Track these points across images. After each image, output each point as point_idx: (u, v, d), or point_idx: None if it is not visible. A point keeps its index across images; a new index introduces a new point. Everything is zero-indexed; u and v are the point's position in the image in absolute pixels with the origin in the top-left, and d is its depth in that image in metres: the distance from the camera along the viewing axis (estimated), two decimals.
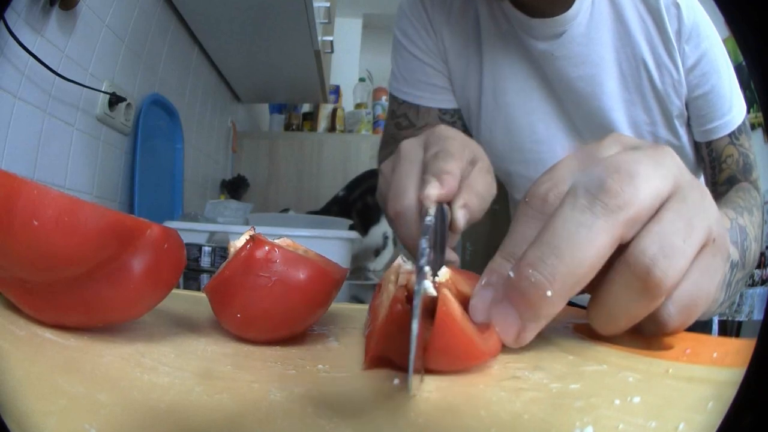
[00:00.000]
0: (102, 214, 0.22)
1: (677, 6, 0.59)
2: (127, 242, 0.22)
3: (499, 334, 0.24)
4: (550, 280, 0.22)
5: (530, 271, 0.22)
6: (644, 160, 0.24)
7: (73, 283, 0.22)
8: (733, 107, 0.62)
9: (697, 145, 0.66)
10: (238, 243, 0.28)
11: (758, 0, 0.16)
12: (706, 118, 0.63)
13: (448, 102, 0.71)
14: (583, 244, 0.22)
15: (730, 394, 0.15)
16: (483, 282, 0.26)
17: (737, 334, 1.77)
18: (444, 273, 0.25)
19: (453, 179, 0.37)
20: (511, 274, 0.23)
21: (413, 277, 0.24)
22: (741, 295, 1.76)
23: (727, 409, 0.15)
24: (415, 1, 0.71)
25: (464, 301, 0.25)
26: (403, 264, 0.26)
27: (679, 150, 0.64)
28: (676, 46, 0.60)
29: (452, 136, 0.43)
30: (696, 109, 0.63)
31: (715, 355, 0.27)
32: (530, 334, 0.24)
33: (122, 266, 0.23)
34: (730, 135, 0.63)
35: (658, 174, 0.24)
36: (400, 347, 0.20)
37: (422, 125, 0.70)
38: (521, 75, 0.66)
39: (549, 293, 0.22)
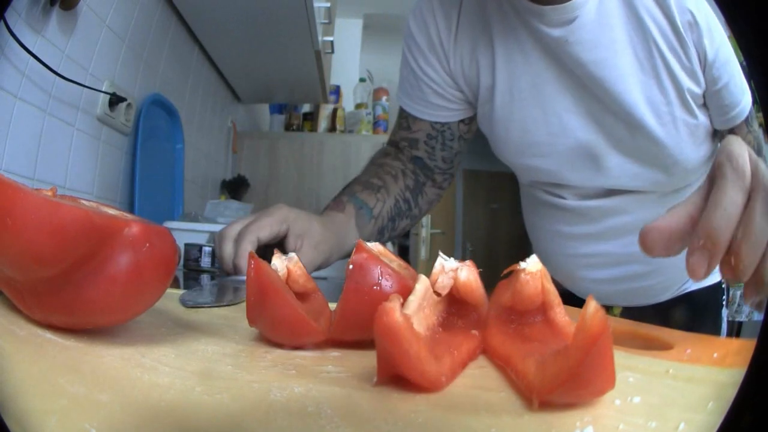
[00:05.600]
0: (68, 212, 0.21)
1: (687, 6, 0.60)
2: (100, 242, 0.21)
3: (693, 273, 0.30)
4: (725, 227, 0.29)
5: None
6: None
7: (53, 284, 0.22)
8: (745, 92, 0.64)
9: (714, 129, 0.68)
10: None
11: (758, 0, 0.16)
12: (729, 107, 0.65)
13: (439, 117, 0.78)
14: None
15: (730, 394, 0.16)
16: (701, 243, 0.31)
17: (737, 335, 1.77)
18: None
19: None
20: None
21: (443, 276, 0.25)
22: (741, 296, 1.76)
23: (727, 409, 0.15)
24: (420, 19, 0.74)
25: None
26: (445, 262, 0.26)
27: (696, 128, 0.66)
28: (688, 39, 0.61)
29: (271, 212, 0.61)
30: (719, 100, 0.64)
31: (715, 355, 0.27)
32: (713, 266, 0.30)
33: (98, 267, 0.21)
34: (746, 121, 0.65)
35: None
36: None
37: (416, 130, 0.80)
38: (536, 67, 0.67)
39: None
